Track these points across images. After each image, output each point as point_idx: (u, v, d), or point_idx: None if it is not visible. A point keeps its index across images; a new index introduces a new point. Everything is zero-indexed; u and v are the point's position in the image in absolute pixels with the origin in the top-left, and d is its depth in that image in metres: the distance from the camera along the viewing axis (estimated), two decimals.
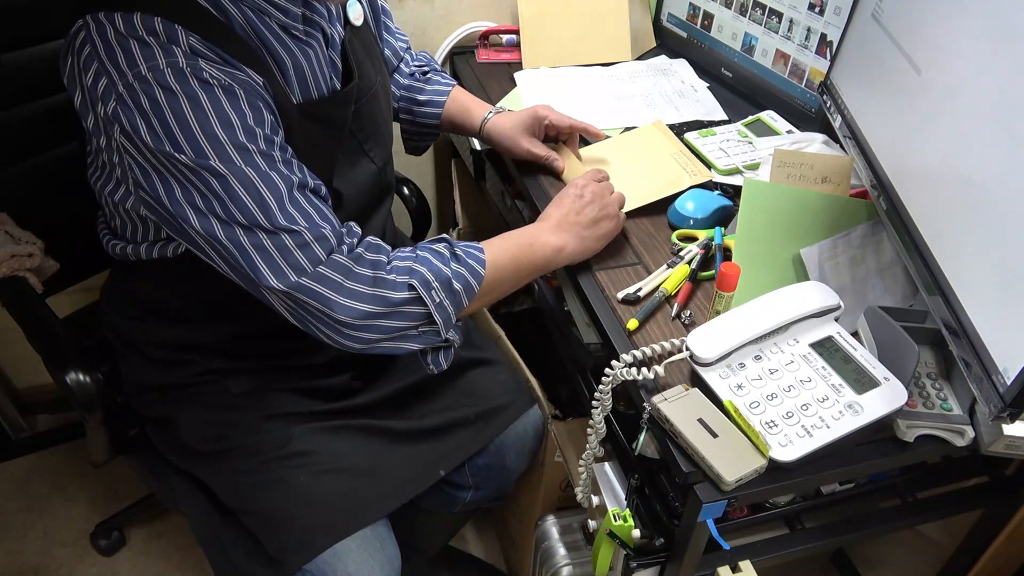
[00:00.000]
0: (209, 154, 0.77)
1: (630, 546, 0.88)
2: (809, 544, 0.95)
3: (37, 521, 1.63)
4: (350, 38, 0.98)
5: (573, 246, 0.99)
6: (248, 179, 0.79)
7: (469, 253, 0.92)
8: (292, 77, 0.89)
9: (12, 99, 1.10)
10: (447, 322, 0.91)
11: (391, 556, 1.01)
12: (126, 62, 0.77)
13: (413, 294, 0.87)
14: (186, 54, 0.77)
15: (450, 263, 0.91)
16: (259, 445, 1.00)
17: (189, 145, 0.77)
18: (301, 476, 0.98)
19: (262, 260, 0.81)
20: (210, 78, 0.78)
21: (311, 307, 0.84)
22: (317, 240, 0.83)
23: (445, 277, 0.89)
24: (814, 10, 1.21)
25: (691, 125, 1.29)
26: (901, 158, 0.89)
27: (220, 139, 0.78)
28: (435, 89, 1.23)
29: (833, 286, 0.89)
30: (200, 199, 0.80)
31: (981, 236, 0.73)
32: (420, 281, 0.87)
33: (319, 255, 0.83)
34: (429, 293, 0.88)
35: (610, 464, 1.00)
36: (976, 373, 0.72)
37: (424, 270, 0.88)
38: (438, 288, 0.89)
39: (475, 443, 1.13)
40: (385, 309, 0.86)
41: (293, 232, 0.81)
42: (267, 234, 0.81)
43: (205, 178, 0.78)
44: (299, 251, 0.82)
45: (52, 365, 1.00)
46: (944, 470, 1.02)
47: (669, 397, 0.80)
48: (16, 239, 1.11)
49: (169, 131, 0.77)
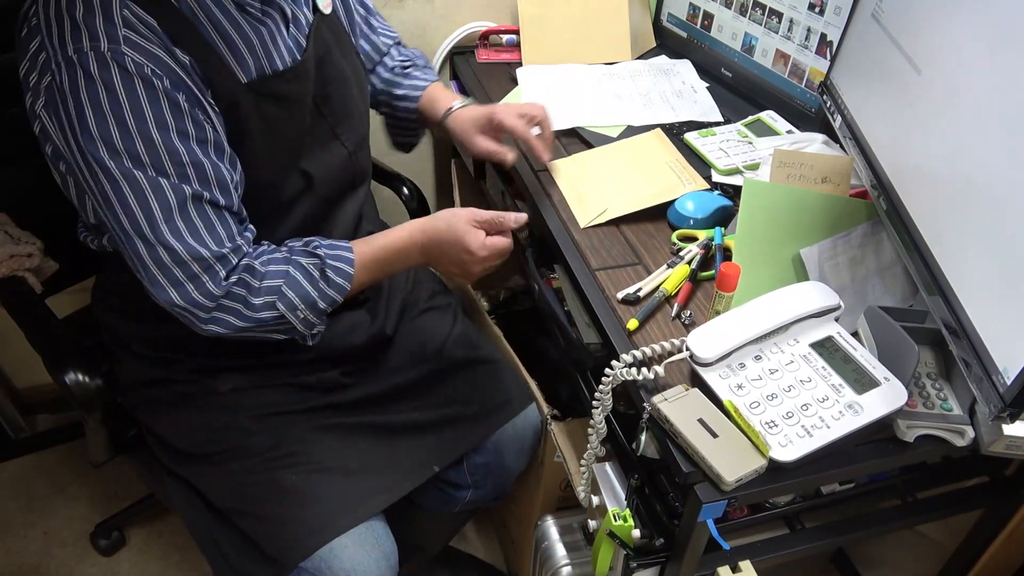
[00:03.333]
0: (115, 145, 0.80)
1: (630, 546, 0.88)
2: (809, 544, 0.95)
3: (37, 521, 1.63)
4: (318, 24, 0.99)
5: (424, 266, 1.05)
6: (139, 185, 0.81)
7: (339, 271, 0.95)
8: (243, 54, 0.89)
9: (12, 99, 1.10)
10: (310, 327, 0.97)
11: (387, 552, 1.01)
12: (59, 39, 0.79)
13: (278, 314, 0.92)
14: (111, 35, 0.78)
15: (318, 284, 0.94)
16: (250, 447, 1.00)
17: (99, 131, 0.79)
18: (293, 476, 0.99)
19: (143, 269, 0.85)
20: (131, 64, 0.78)
21: (184, 319, 0.89)
22: (194, 260, 0.85)
23: (311, 300, 0.93)
24: (814, 10, 1.20)
25: (689, 125, 1.29)
26: (901, 158, 0.89)
27: (128, 130, 0.80)
28: (412, 84, 1.23)
29: (833, 286, 0.89)
30: (99, 192, 0.83)
31: (981, 236, 0.73)
32: (286, 305, 0.92)
33: (194, 272, 0.86)
34: (293, 313, 0.93)
35: (610, 464, 1.00)
36: (976, 373, 0.72)
37: (292, 295, 0.92)
38: (303, 308, 0.93)
39: (471, 439, 1.13)
40: (251, 325, 0.91)
41: (170, 248, 0.84)
42: (147, 246, 0.84)
43: (100, 174, 0.81)
44: (175, 268, 0.85)
45: (52, 365, 1.00)
46: (944, 470, 1.02)
47: (669, 397, 0.80)
48: (15, 239, 1.11)
49: (82, 117, 0.79)
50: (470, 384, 1.15)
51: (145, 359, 1.04)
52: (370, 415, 1.07)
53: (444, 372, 1.14)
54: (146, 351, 1.04)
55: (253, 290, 0.90)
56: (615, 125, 1.29)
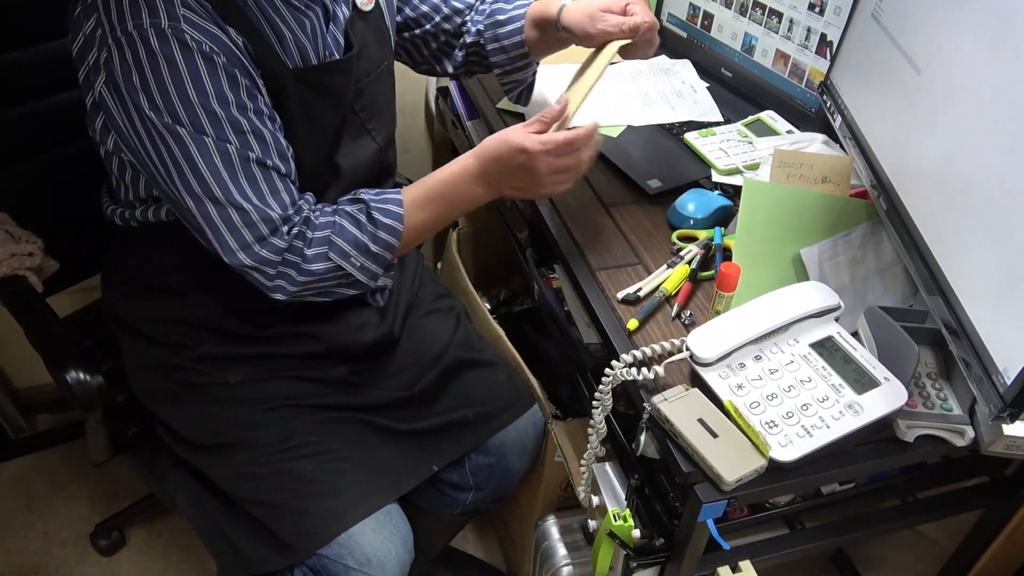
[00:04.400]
0: (179, 117, 0.82)
1: (630, 546, 0.88)
2: (809, 544, 0.95)
3: (37, 521, 1.63)
4: (353, 20, 0.99)
5: (490, 197, 0.99)
6: (207, 148, 0.83)
7: (387, 212, 0.94)
8: (289, 42, 0.90)
9: (12, 99, 1.10)
10: (373, 277, 0.96)
11: (405, 537, 1.03)
12: (117, 15, 0.81)
13: (333, 264, 0.92)
14: (170, 13, 0.80)
15: (366, 228, 0.93)
16: (261, 439, 1.01)
17: (163, 103, 0.81)
18: (309, 466, 1.00)
19: (212, 232, 0.87)
20: (190, 41, 0.80)
21: (256, 281, 0.91)
22: (263, 221, 0.87)
23: (363, 244, 0.93)
24: (814, 10, 1.21)
25: (689, 125, 1.29)
26: (901, 158, 0.89)
27: (192, 103, 0.82)
28: (516, 5, 1.15)
29: (833, 286, 0.89)
30: (161, 162, 0.84)
31: (981, 236, 0.73)
32: (338, 253, 0.92)
33: (261, 234, 0.88)
34: (347, 261, 0.93)
35: (610, 464, 1.00)
36: (976, 373, 0.72)
37: (341, 242, 0.92)
38: (356, 255, 0.93)
39: (472, 441, 1.13)
40: (310, 280, 0.92)
41: (240, 208, 0.86)
42: (216, 206, 0.86)
43: (167, 140, 0.83)
44: (244, 229, 0.87)
45: (52, 364, 1.00)
46: (944, 470, 1.02)
47: (669, 397, 0.80)
48: (16, 238, 1.11)
49: (146, 88, 0.81)
50: (472, 388, 1.15)
51: (152, 341, 1.05)
52: (374, 417, 1.08)
53: (446, 376, 1.14)
54: (153, 332, 1.05)
55: (308, 241, 0.91)
56: (615, 125, 1.29)
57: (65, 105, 1.14)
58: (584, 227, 1.07)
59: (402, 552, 1.01)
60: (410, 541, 1.04)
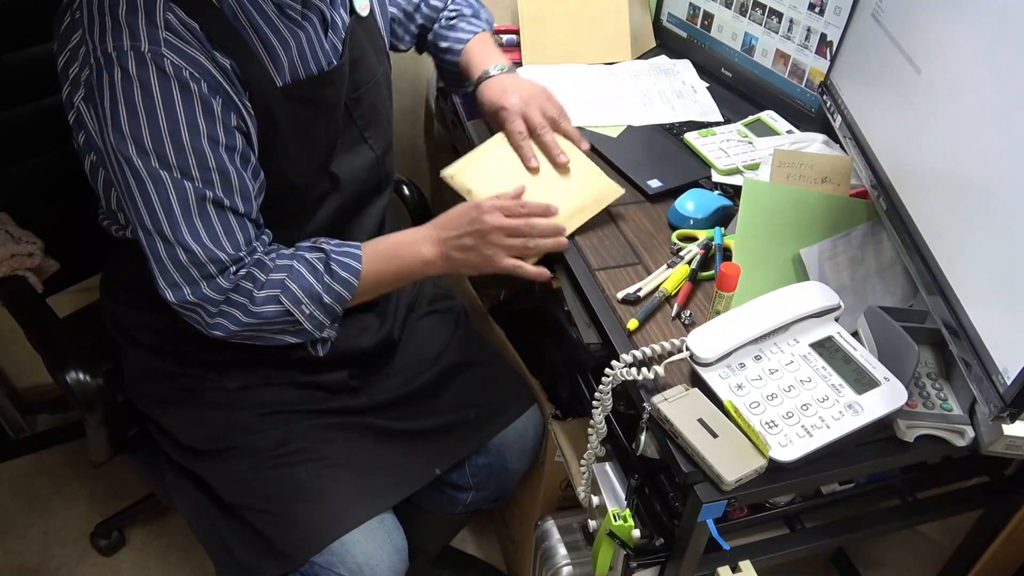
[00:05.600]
0: (144, 146, 0.81)
1: (630, 546, 0.88)
2: (809, 544, 0.95)
3: (37, 521, 1.63)
4: (353, 27, 0.99)
5: (441, 266, 0.99)
6: (164, 185, 0.82)
7: (345, 265, 0.94)
8: (280, 57, 0.89)
9: (12, 99, 1.10)
10: (319, 327, 0.95)
11: (399, 546, 1.02)
12: (99, 35, 0.80)
13: (283, 309, 0.91)
14: (151, 36, 0.79)
15: (323, 278, 0.93)
16: (257, 443, 1.00)
17: (130, 131, 0.80)
18: (303, 472, 0.99)
19: (156, 266, 0.86)
20: (169, 67, 0.80)
21: (194, 320, 0.90)
22: (211, 261, 0.86)
23: (316, 294, 0.92)
24: (814, 10, 1.21)
25: (689, 125, 1.29)
26: (901, 158, 0.89)
27: (160, 132, 0.81)
28: (456, 37, 1.19)
29: (833, 286, 0.89)
30: (121, 189, 0.85)
31: (981, 236, 0.73)
32: (290, 299, 0.91)
33: (209, 273, 0.87)
34: (298, 308, 0.92)
35: (610, 464, 1.00)
36: (976, 373, 0.72)
37: (295, 288, 0.91)
38: (307, 303, 0.92)
39: (473, 443, 1.13)
40: (256, 323, 0.91)
41: (188, 249, 0.85)
42: (164, 243, 0.85)
43: (126, 171, 0.82)
44: (190, 268, 0.86)
45: (52, 364, 1.00)
46: (944, 470, 1.02)
47: (669, 397, 0.80)
48: (16, 238, 1.11)
49: (115, 113, 0.80)
50: (472, 388, 1.15)
51: (152, 350, 1.05)
52: (373, 419, 1.08)
53: (446, 376, 1.14)
54: (153, 341, 1.04)
55: (258, 283, 0.90)
56: (615, 125, 1.29)
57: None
58: (584, 227, 1.07)
59: (395, 560, 1.00)
60: (404, 550, 1.03)
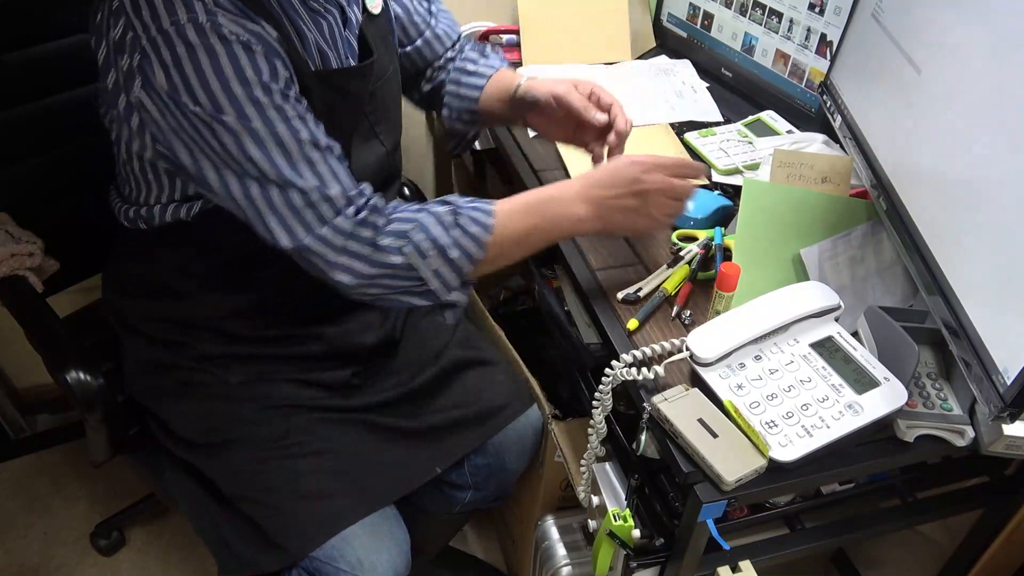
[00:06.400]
0: (225, 108, 0.80)
1: (630, 546, 0.88)
2: (809, 544, 0.95)
3: (37, 521, 1.63)
4: (365, 23, 0.99)
5: (594, 225, 0.93)
6: (260, 135, 0.81)
7: (475, 220, 0.89)
8: (311, 44, 0.90)
9: (12, 99, 1.10)
10: (446, 286, 0.90)
11: (400, 540, 1.02)
12: (150, 16, 0.79)
13: (406, 262, 0.87)
14: (207, 8, 0.79)
15: (451, 230, 0.88)
16: (257, 435, 1.00)
17: (207, 98, 0.79)
18: (303, 465, 0.99)
19: (273, 217, 0.84)
20: (229, 34, 0.79)
21: (315, 266, 0.87)
22: (324, 200, 0.84)
23: (442, 247, 0.88)
24: (814, 10, 1.21)
25: (688, 125, 1.29)
26: (901, 158, 0.89)
27: (236, 94, 0.80)
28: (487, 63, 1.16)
29: (833, 286, 0.89)
30: (214, 154, 0.82)
31: (981, 236, 0.73)
32: (415, 249, 0.87)
33: (324, 216, 0.84)
34: (424, 262, 0.88)
35: (610, 464, 1.00)
36: (976, 373, 0.72)
37: (421, 238, 0.87)
38: (433, 256, 0.88)
39: (472, 442, 1.13)
40: (380, 272, 0.87)
41: (301, 190, 0.83)
42: (278, 189, 0.83)
43: (218, 133, 0.80)
44: (306, 210, 0.84)
45: (53, 364, 1.00)
46: (944, 470, 1.02)
47: (669, 397, 0.80)
48: (16, 238, 1.11)
49: (187, 84, 0.79)
50: (471, 387, 1.15)
51: (154, 341, 1.04)
52: (374, 417, 1.08)
53: (446, 375, 1.14)
54: (156, 332, 1.04)
55: (380, 231, 0.87)
56: None
57: (65, 105, 1.14)
58: None
59: (395, 556, 1.00)
60: (406, 546, 1.03)
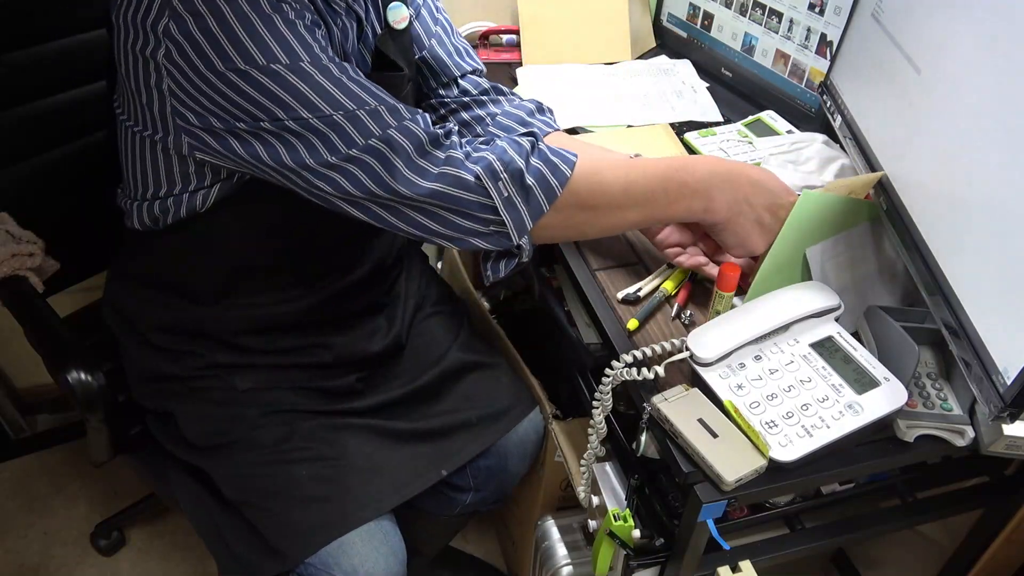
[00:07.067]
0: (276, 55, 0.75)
1: (630, 546, 0.88)
2: (809, 544, 0.95)
3: (37, 521, 1.63)
4: (385, 39, 0.97)
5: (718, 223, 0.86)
6: (306, 73, 0.76)
7: (557, 151, 0.82)
8: (336, 43, 0.88)
9: (12, 99, 1.10)
10: (518, 226, 0.81)
11: (396, 549, 1.01)
12: None
13: (478, 182, 0.79)
14: None
15: (528, 154, 0.81)
16: (260, 439, 1.00)
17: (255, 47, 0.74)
18: (303, 470, 0.99)
19: (334, 132, 0.76)
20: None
21: (374, 171, 0.78)
22: (390, 112, 0.78)
23: (517, 168, 0.79)
24: (814, 10, 1.21)
25: (688, 125, 1.29)
26: (901, 158, 0.89)
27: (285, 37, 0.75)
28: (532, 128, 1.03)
29: (834, 286, 0.89)
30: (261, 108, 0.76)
31: (981, 236, 0.73)
32: (485, 168, 0.79)
33: (390, 121, 0.78)
34: (496, 184, 0.79)
35: (610, 464, 1.00)
36: (976, 373, 0.72)
37: (493, 157, 0.79)
38: (507, 180, 0.79)
39: (477, 445, 1.13)
40: (449, 191, 0.79)
41: (364, 103, 0.77)
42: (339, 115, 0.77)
43: (265, 85, 0.75)
44: (370, 118, 0.77)
45: (53, 364, 1.00)
46: (944, 470, 1.02)
47: (669, 397, 0.80)
48: (17, 238, 1.11)
49: (233, 36, 0.74)
50: (474, 390, 1.15)
51: (159, 350, 1.04)
52: (378, 420, 1.08)
53: (448, 378, 1.14)
54: (162, 340, 1.04)
55: (454, 145, 0.80)
56: (615, 125, 1.29)
57: (65, 105, 1.14)
58: None
59: (392, 563, 1.00)
60: (402, 554, 1.02)
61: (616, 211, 0.85)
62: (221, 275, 0.99)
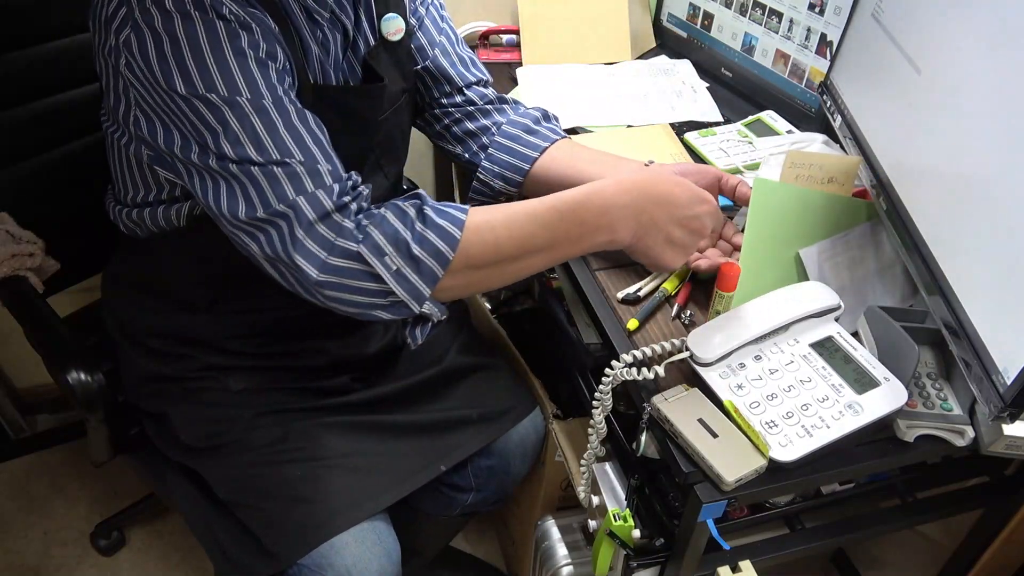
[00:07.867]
0: (216, 85, 0.76)
1: (630, 546, 0.88)
2: (809, 544, 0.95)
3: (37, 521, 1.63)
4: (377, 51, 0.96)
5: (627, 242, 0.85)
6: (246, 113, 0.76)
7: (444, 213, 0.79)
8: (312, 56, 0.87)
9: (12, 99, 1.10)
10: (414, 293, 0.79)
11: (390, 549, 1.01)
12: None
13: (362, 266, 0.78)
14: None
15: (414, 223, 0.78)
16: (254, 440, 1.00)
17: (198, 74, 0.75)
18: (297, 471, 0.98)
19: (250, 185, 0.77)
20: (228, 13, 0.76)
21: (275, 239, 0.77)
22: (309, 174, 0.77)
23: (403, 240, 0.77)
24: (814, 10, 1.21)
25: (688, 125, 1.29)
26: (901, 158, 0.89)
27: (231, 68, 0.76)
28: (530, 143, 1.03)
29: (833, 286, 0.89)
30: (196, 133, 0.77)
31: (981, 236, 0.73)
32: (370, 248, 0.77)
33: (304, 187, 0.76)
34: (381, 260, 0.77)
35: (610, 464, 1.00)
36: (976, 373, 0.72)
37: (376, 233, 0.77)
38: (392, 254, 0.77)
39: (477, 442, 1.13)
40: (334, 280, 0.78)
41: (285, 164, 0.76)
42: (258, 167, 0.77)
43: (201, 111, 0.76)
44: (285, 180, 0.76)
45: (53, 364, 1.00)
46: (944, 470, 1.02)
47: (669, 397, 0.80)
48: (17, 238, 1.11)
49: (180, 59, 0.74)
50: (475, 390, 1.15)
51: (157, 354, 1.04)
52: (375, 415, 1.07)
53: (449, 377, 1.14)
54: (159, 345, 1.04)
55: (345, 230, 0.78)
56: (615, 125, 1.29)
57: (65, 105, 1.14)
58: None
59: (385, 564, 0.99)
60: (396, 554, 1.02)
61: (516, 262, 0.84)
62: (211, 282, 0.99)
